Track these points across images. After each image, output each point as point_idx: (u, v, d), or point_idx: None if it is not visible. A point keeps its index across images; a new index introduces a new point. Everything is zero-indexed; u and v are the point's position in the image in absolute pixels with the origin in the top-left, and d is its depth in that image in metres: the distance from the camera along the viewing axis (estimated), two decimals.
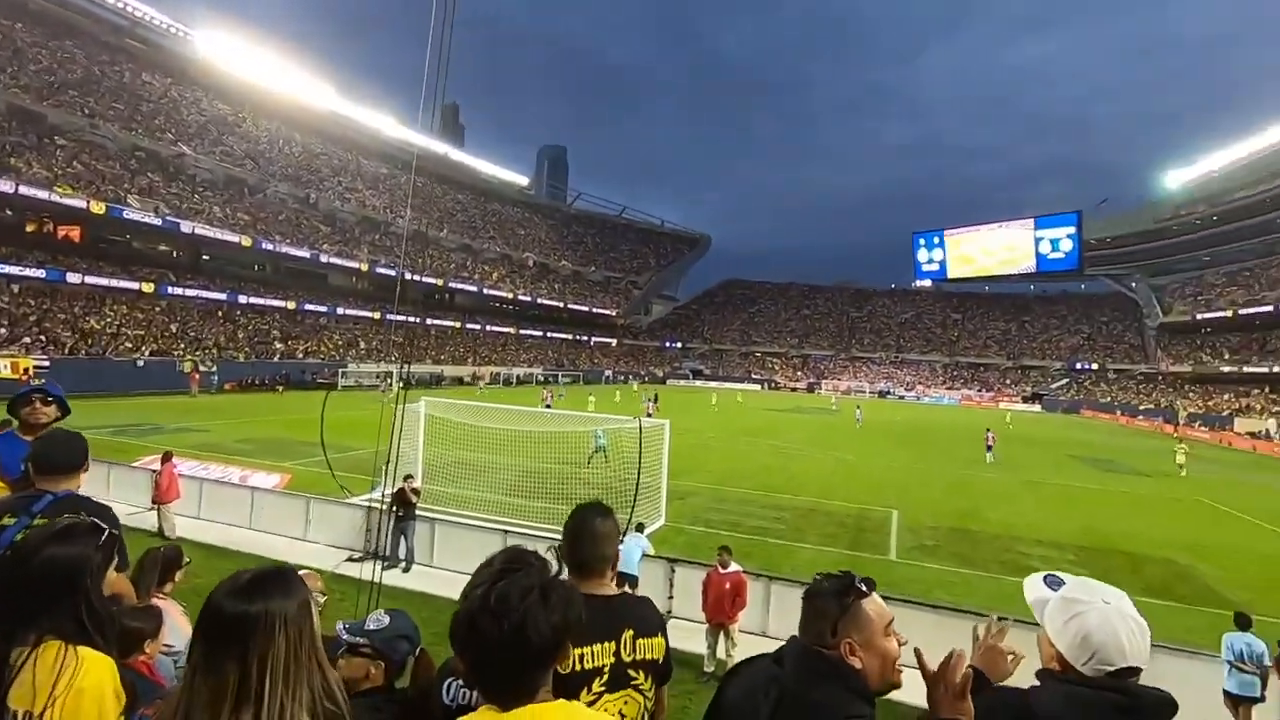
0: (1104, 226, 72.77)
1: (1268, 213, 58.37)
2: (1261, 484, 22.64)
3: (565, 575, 1.72)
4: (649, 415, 27.07)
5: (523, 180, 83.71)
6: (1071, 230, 58.73)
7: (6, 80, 37.08)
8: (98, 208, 34.55)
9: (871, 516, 13.88)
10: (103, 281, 34.93)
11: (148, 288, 36.72)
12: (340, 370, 41.00)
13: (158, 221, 37.38)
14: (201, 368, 32.96)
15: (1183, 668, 5.91)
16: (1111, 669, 1.34)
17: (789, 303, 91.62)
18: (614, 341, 77.90)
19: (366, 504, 9.84)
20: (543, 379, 55.86)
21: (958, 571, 10.39)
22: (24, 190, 31.92)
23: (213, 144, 48.06)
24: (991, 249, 63.67)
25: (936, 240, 66.64)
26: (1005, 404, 61.84)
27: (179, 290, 38.55)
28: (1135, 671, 1.34)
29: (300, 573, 1.35)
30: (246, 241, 42.21)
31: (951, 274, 67.52)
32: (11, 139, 34.73)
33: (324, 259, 48.08)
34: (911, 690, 1.47)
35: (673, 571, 7.85)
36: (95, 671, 1.39)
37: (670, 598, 7.75)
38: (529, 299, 67.04)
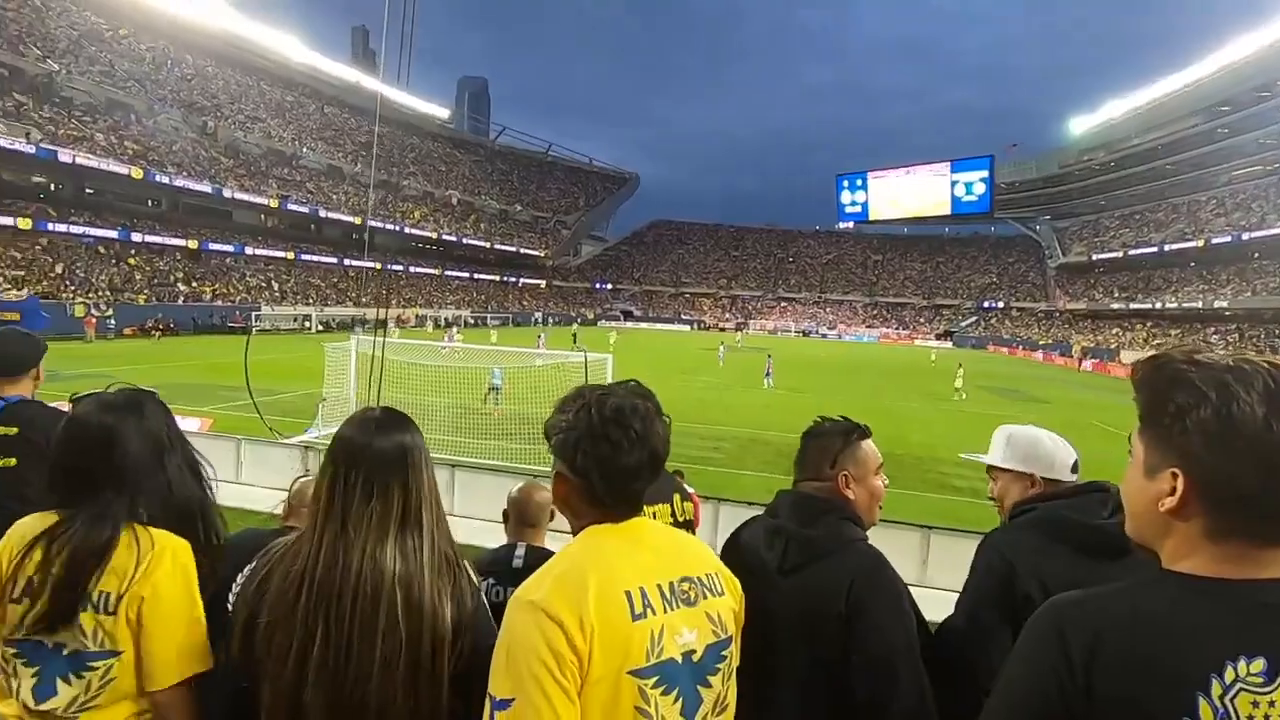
0: (1013, 171, 76.25)
1: (1156, 160, 62.60)
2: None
3: None
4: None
5: (443, 113, 79.11)
6: (984, 174, 61.25)
7: None
8: None
9: None
10: None
11: (24, 223, 33.08)
12: (254, 314, 38.75)
13: (30, 149, 33.44)
14: (95, 311, 30.34)
15: None
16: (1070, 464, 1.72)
17: (717, 244, 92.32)
18: (543, 283, 76.63)
19: (303, 444, 9.48)
20: (492, 321, 54.44)
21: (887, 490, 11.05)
22: None
23: (89, 62, 42.94)
24: (910, 192, 65.79)
25: (860, 182, 68.18)
26: (920, 341, 65.08)
27: (61, 227, 34.90)
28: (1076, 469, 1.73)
29: None
30: (136, 173, 38.52)
31: (873, 216, 69.56)
32: None
33: (228, 194, 44.60)
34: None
35: None
36: (171, 556, 1.32)
37: None
38: (454, 239, 64.66)
